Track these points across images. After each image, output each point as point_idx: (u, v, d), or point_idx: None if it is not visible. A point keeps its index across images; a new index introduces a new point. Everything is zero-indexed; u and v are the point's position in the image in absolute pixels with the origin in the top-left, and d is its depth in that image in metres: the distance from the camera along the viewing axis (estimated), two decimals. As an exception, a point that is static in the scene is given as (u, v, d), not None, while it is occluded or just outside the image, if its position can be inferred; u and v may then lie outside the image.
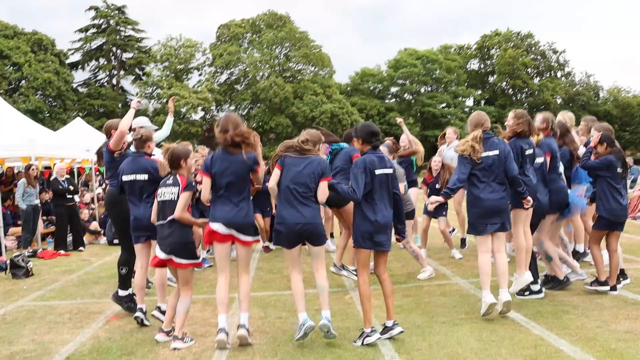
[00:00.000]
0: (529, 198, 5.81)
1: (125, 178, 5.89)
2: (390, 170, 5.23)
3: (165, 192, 5.29)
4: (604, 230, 6.42)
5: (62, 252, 11.62)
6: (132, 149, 6.24)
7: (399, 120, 10.67)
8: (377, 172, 5.12)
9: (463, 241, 10.24)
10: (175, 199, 5.18)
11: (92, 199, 15.56)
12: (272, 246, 10.92)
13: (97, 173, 17.98)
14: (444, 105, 70.68)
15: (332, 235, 11.00)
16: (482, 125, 5.83)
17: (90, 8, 57.53)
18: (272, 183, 5.15)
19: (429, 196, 9.43)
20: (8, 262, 9.28)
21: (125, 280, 6.37)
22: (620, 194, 6.33)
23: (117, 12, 58.29)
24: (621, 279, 6.64)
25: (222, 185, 5.06)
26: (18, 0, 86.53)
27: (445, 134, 10.24)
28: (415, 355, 4.75)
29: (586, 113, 69.18)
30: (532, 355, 4.59)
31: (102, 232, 13.49)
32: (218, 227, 5.04)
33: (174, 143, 5.59)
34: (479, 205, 5.72)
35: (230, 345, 5.07)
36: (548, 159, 6.51)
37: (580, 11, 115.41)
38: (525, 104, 71.13)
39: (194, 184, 5.31)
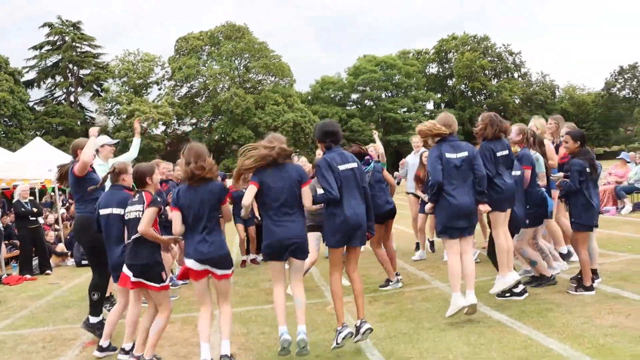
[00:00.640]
0: (487, 206, 5.77)
1: (102, 212, 5.62)
2: (354, 165, 5.14)
3: (130, 211, 5.13)
4: (585, 231, 6.36)
5: (28, 276, 11.24)
6: (109, 181, 6.00)
7: (375, 133, 10.55)
8: (341, 167, 5.04)
9: (432, 244, 10.22)
10: (140, 216, 5.01)
11: (57, 219, 15.17)
12: (259, 259, 10.68)
13: (60, 192, 17.57)
14: (405, 109, 71.47)
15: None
16: (449, 127, 5.77)
17: (45, 25, 56.56)
18: (247, 200, 4.89)
19: (423, 192, 9.37)
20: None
21: (96, 306, 6.12)
22: (591, 196, 6.32)
23: (72, 28, 57.42)
24: (594, 277, 6.65)
25: (190, 219, 4.87)
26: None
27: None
28: (407, 363, 4.69)
29: (544, 112, 70.68)
30: (524, 356, 4.55)
31: (69, 253, 13.14)
32: (192, 263, 4.86)
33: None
34: (448, 208, 5.61)
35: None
36: (529, 172, 6.52)
37: (533, 13, 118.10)
38: (485, 105, 72.31)
39: (159, 199, 5.14)
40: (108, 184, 5.94)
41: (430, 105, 76.51)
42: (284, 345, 4.79)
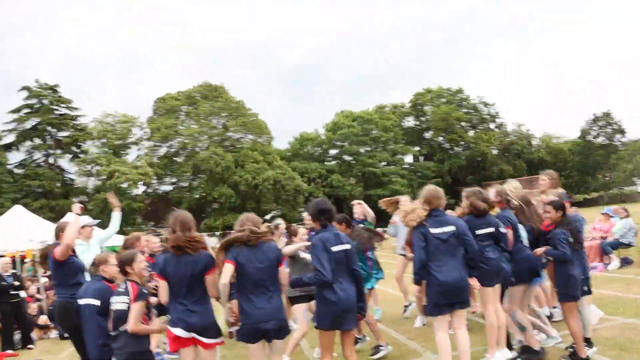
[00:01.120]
0: (477, 282, 5.75)
1: (80, 301, 5.59)
2: (347, 246, 5.15)
3: (116, 302, 5.09)
4: (569, 301, 6.32)
5: (9, 351, 11.00)
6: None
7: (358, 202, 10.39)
8: (334, 249, 5.05)
9: (406, 307, 10.20)
10: (127, 308, 4.99)
11: (38, 289, 14.91)
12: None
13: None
14: (384, 163, 72.00)
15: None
16: (430, 203, 5.72)
17: (23, 88, 56.66)
18: (224, 280, 4.83)
19: None
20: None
21: None
22: (573, 263, 6.32)
23: (49, 91, 57.45)
24: (588, 347, 6.61)
25: (177, 288, 4.86)
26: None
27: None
28: None
29: (522, 162, 71.93)
30: None
31: (50, 325, 12.88)
32: (178, 332, 4.84)
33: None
34: (437, 285, 5.51)
35: None
36: (510, 232, 6.55)
37: (505, 63, 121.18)
38: (463, 157, 73.35)
39: (145, 291, 5.11)
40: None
41: (409, 158, 77.30)
42: None
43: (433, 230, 5.56)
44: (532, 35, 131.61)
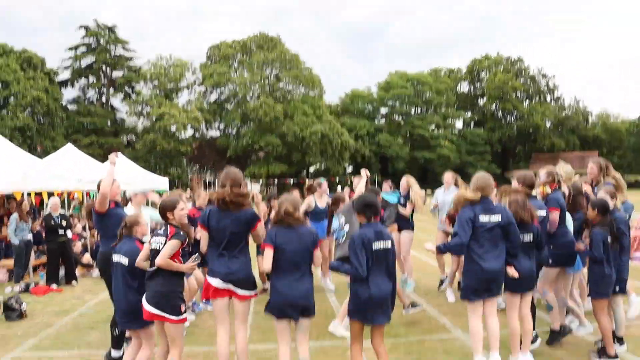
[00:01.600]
0: (515, 271, 5.69)
1: (114, 257, 5.76)
2: (388, 244, 5.13)
3: (154, 241, 5.28)
4: (600, 299, 6.27)
5: (54, 286, 11.46)
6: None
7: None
8: (375, 246, 5.04)
9: (442, 282, 10.24)
10: (162, 248, 5.15)
11: (84, 227, 15.41)
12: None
13: (89, 198, 17.82)
14: (433, 126, 71.17)
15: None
16: (482, 190, 5.67)
17: (81, 27, 57.64)
18: (266, 265, 5.01)
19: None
20: (1, 302, 9.16)
21: (118, 341, 6.22)
22: (610, 263, 6.25)
23: (107, 31, 58.34)
24: (618, 345, 6.57)
25: (218, 240, 5.05)
26: (7, 17, 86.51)
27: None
28: None
29: (576, 137, 70.13)
30: None
31: (94, 264, 13.33)
32: (215, 281, 5.01)
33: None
34: (477, 273, 5.55)
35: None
36: (557, 214, 6.47)
37: (569, 40, 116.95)
38: (515, 127, 71.80)
39: (182, 233, 5.25)
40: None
41: (459, 124, 76.29)
42: None
43: (482, 219, 5.53)
44: (601, 13, 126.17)
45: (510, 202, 6.05)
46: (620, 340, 6.57)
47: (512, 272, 5.70)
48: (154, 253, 5.20)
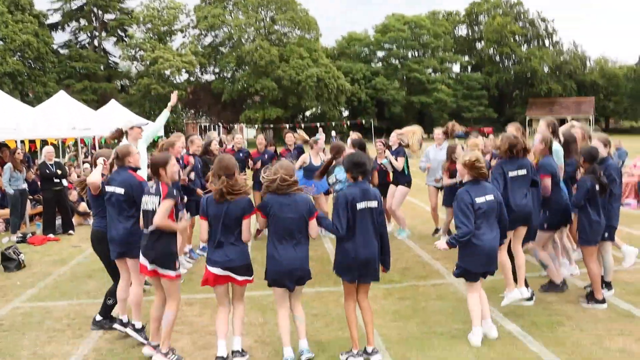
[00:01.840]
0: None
1: (106, 188, 5.81)
2: (374, 204, 5.13)
3: (147, 202, 5.30)
4: (589, 245, 6.39)
5: (51, 236, 11.54)
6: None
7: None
8: (359, 205, 5.05)
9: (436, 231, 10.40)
10: (156, 208, 5.18)
11: (79, 176, 15.41)
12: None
13: (83, 146, 17.81)
14: (430, 70, 70.57)
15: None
16: (474, 169, 5.52)
17: (71, -34, 56.26)
18: (262, 225, 5.15)
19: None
20: (-1, 253, 9.24)
21: (107, 310, 6.22)
22: (598, 210, 6.32)
23: (98, -29, 56.98)
24: (607, 289, 6.71)
25: (216, 228, 5.10)
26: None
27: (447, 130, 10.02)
28: (417, 374, 4.85)
29: (573, 82, 69.59)
30: (532, 378, 4.67)
31: (90, 212, 13.37)
32: (215, 270, 5.10)
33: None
34: (476, 252, 5.45)
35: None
36: (548, 181, 6.49)
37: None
38: (512, 72, 71.19)
39: (175, 192, 5.28)
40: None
41: (456, 68, 75.58)
42: None
43: (478, 200, 5.41)
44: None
45: (503, 139, 6.16)
46: (608, 285, 6.73)
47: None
48: (149, 214, 5.22)
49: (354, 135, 9.66)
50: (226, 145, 12.39)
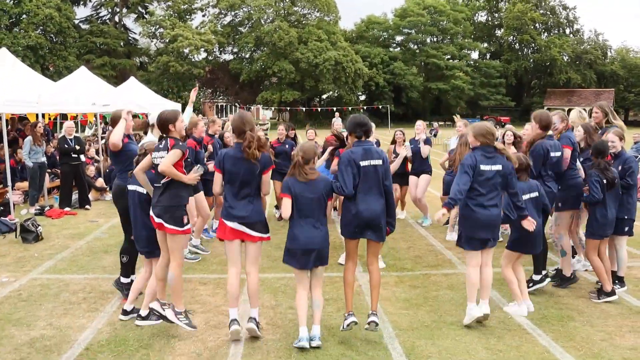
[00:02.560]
0: (530, 219, 5.72)
1: (129, 187, 5.82)
2: (378, 162, 5.18)
3: (157, 157, 5.34)
4: (594, 239, 6.41)
5: (68, 209, 11.70)
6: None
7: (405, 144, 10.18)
8: (362, 164, 5.11)
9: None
10: None
11: (97, 151, 15.56)
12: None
13: (102, 122, 17.91)
14: (449, 57, 69.97)
15: (335, 209, 11.02)
16: (487, 137, 5.54)
17: (93, -58, 56.30)
18: (285, 213, 5.12)
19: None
20: (18, 224, 9.39)
21: (127, 268, 6.37)
22: (605, 204, 6.31)
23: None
24: (620, 285, 6.70)
25: (232, 183, 5.13)
26: None
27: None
28: (426, 362, 4.89)
29: (593, 72, 68.74)
30: (540, 371, 4.71)
31: (107, 188, 13.54)
32: (231, 223, 5.13)
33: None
34: (476, 219, 5.47)
35: (243, 336, 5.25)
36: (569, 152, 6.48)
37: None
38: (531, 60, 70.42)
39: (182, 144, 5.31)
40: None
41: (475, 55, 74.91)
42: (304, 346, 5.07)
43: (482, 167, 5.43)
44: None
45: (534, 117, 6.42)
46: (621, 281, 6.72)
47: (528, 224, 5.72)
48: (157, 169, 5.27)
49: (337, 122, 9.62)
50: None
